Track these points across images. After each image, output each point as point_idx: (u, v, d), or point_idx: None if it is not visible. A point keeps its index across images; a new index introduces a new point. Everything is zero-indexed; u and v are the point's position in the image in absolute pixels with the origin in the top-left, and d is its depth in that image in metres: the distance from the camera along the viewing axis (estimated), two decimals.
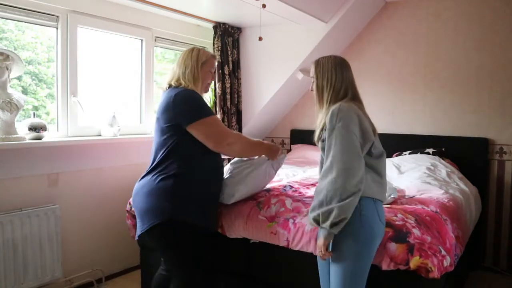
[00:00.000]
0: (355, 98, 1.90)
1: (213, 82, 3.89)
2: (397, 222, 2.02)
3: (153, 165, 2.10)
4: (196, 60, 2.14)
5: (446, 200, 2.60)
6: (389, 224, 2.00)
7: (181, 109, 2.03)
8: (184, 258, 2.09)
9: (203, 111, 2.07)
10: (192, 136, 2.06)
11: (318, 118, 1.93)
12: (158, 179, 2.04)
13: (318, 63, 1.95)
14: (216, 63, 2.24)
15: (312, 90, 1.99)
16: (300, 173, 3.40)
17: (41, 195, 2.82)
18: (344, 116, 1.76)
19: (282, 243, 2.24)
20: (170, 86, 2.14)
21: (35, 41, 3.01)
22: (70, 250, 3.00)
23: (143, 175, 2.14)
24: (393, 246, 1.92)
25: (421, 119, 3.83)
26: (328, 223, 1.69)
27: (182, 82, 2.12)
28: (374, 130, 1.87)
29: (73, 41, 2.96)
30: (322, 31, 3.69)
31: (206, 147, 2.09)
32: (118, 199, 3.27)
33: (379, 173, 1.87)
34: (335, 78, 1.90)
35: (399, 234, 1.95)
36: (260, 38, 3.11)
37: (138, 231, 2.11)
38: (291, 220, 2.24)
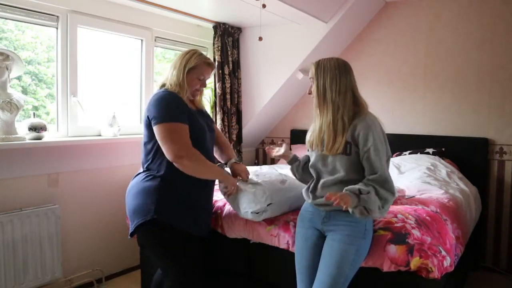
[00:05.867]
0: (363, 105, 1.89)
1: (213, 82, 3.94)
2: (395, 224, 2.01)
3: (143, 166, 2.13)
4: (184, 65, 2.08)
5: (446, 200, 2.60)
6: (387, 228, 2.00)
7: (152, 110, 2.01)
8: (167, 260, 2.07)
9: (169, 115, 1.98)
10: None
11: (327, 125, 1.84)
12: (145, 179, 2.06)
13: (319, 64, 1.87)
14: (211, 71, 2.17)
15: (310, 94, 1.92)
16: None
17: (41, 195, 2.82)
18: (382, 134, 1.85)
19: (283, 246, 2.24)
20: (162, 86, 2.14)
21: (35, 41, 3.01)
22: (70, 250, 3.00)
23: (135, 175, 2.17)
24: (392, 249, 1.91)
25: (421, 119, 3.83)
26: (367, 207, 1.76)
27: (167, 84, 2.10)
28: None
29: (73, 41, 2.96)
30: (322, 31, 3.69)
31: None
32: (118, 199, 3.26)
33: None
34: (339, 80, 1.83)
35: (398, 236, 1.94)
36: (260, 38, 3.11)
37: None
38: (291, 223, 2.23)
